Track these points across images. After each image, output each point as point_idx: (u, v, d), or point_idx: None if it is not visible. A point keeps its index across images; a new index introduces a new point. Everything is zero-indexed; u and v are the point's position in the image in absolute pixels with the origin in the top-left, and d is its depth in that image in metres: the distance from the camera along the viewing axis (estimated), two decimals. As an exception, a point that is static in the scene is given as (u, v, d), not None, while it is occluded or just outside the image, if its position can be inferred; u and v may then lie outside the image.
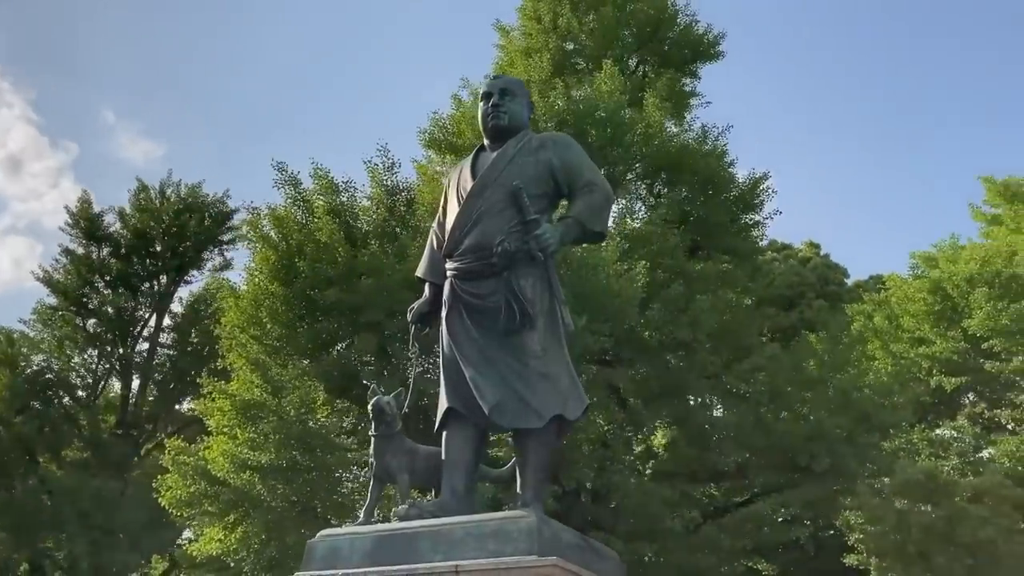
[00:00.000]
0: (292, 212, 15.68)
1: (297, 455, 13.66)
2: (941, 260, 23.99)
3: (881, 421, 16.96)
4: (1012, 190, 24.61)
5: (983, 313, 20.81)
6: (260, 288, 14.79)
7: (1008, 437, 20.37)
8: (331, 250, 14.48)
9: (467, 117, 18.73)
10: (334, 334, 14.40)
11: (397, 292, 14.15)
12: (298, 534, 14.08)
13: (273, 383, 13.86)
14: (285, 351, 14.55)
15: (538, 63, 18.46)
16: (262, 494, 13.64)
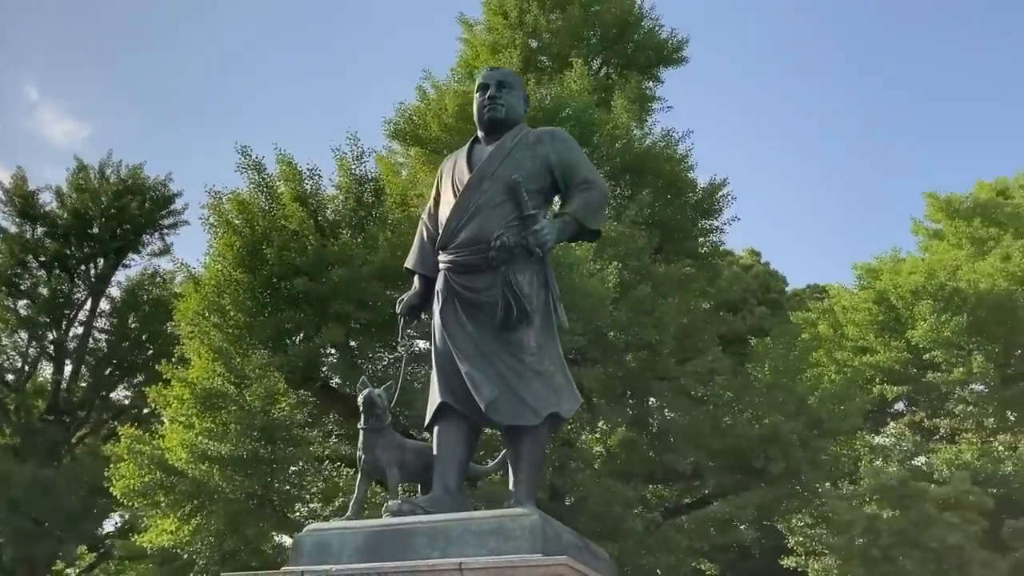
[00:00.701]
0: (256, 198, 15.35)
1: (259, 446, 13.34)
2: (884, 272, 24.66)
3: (834, 427, 17.32)
4: (954, 206, 25.44)
5: (927, 325, 21.47)
6: (223, 275, 14.42)
7: (946, 446, 21.03)
8: (300, 238, 14.19)
9: (433, 110, 18.59)
10: (299, 324, 14.11)
11: (367, 283, 14.00)
12: (256, 527, 13.82)
13: (236, 372, 13.51)
14: (247, 340, 14.20)
15: (508, 59, 18.38)
16: (221, 485, 13.30)
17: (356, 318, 13.82)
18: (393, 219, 15.17)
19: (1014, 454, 19.29)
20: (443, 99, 18.78)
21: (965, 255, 22.91)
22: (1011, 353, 21.85)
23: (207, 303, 14.38)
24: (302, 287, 13.60)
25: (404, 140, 18.44)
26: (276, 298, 14.46)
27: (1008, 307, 21.51)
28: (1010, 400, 21.02)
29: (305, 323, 14.08)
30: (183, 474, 13.57)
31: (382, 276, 14.05)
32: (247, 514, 13.70)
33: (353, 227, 14.65)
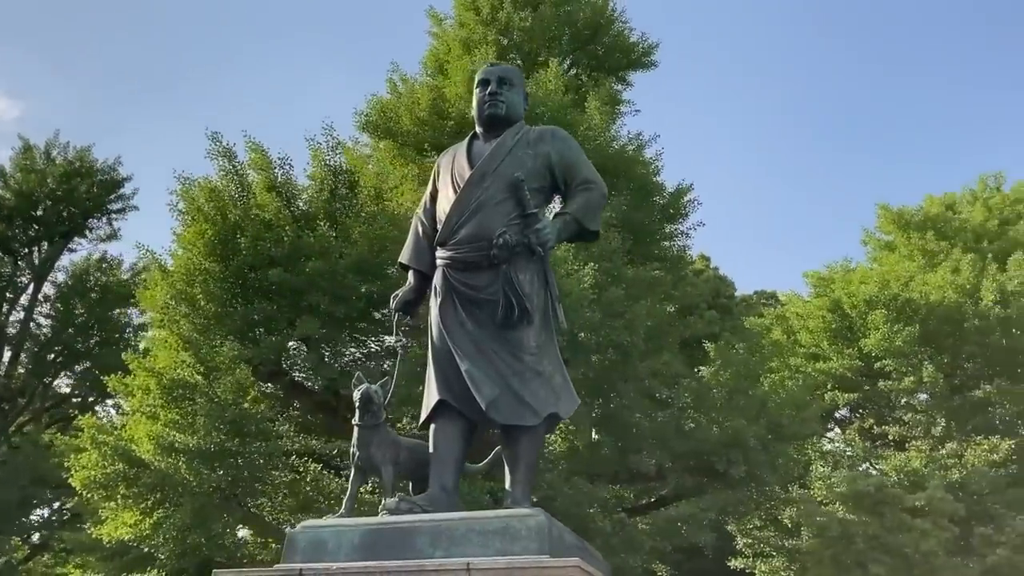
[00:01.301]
0: (227, 185, 15.06)
1: (226, 439, 13.08)
2: (836, 281, 25.18)
3: (793, 432, 17.64)
4: (906, 219, 26.10)
5: (879, 334, 21.97)
6: (193, 263, 14.10)
7: (895, 453, 21.56)
8: (275, 228, 13.95)
9: (405, 103, 18.45)
10: (271, 316, 13.86)
11: (343, 276, 13.83)
12: (222, 522, 13.56)
13: (206, 363, 13.22)
14: (217, 331, 13.92)
15: (483, 56, 18.28)
16: (187, 478, 13.00)
17: (331, 311, 13.60)
18: (367, 212, 15.01)
19: (959, 462, 19.85)
20: (415, 93, 18.66)
21: (916, 267, 23.50)
22: (958, 364, 22.48)
23: (175, 292, 14.05)
24: (277, 278, 13.36)
25: (375, 133, 18.27)
26: (246, 288, 14.19)
27: (956, 319, 22.12)
28: (957, 410, 21.62)
29: (278, 315, 13.82)
30: (148, 466, 13.24)
31: (358, 269, 13.90)
32: (212, 508, 13.41)
33: (328, 219, 14.44)
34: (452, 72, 18.39)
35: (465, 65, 18.18)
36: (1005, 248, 24.31)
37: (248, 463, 13.36)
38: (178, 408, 13.46)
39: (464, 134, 18.38)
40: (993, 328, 21.68)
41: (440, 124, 17.79)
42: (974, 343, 21.91)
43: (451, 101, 17.77)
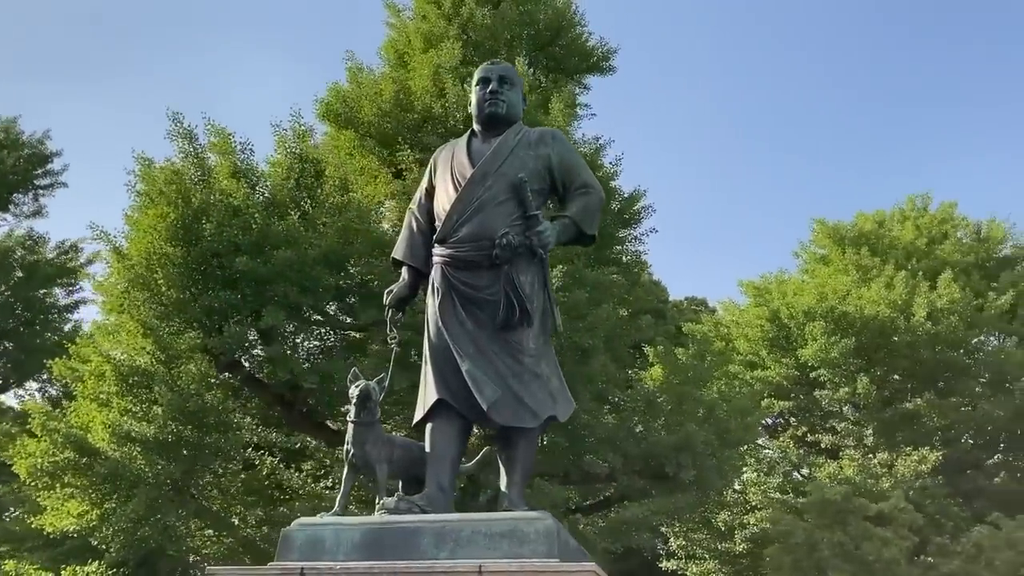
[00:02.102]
0: (188, 168, 14.61)
1: (186, 430, 12.70)
2: (772, 291, 25.82)
3: (740, 438, 18.01)
4: (841, 234, 26.92)
5: (817, 345, 22.63)
6: (153, 247, 13.64)
7: (827, 461, 22.24)
8: (242, 215, 13.58)
9: (368, 94, 18.19)
10: (235, 305, 13.51)
11: (311, 267, 13.57)
12: (176, 515, 13.18)
13: (168, 351, 12.80)
14: (177, 318, 13.50)
15: (449, 51, 18.15)
16: (143, 469, 12.59)
17: (298, 303, 13.32)
18: (333, 203, 14.75)
19: (890, 472, 20.58)
20: (377, 84, 18.43)
21: (851, 281, 24.24)
22: (890, 377, 23.30)
23: (134, 276, 13.57)
24: (244, 266, 13.01)
25: (336, 122, 17.96)
26: (208, 276, 13.80)
27: (889, 333, 22.93)
28: (888, 421, 22.41)
29: (241, 304, 13.47)
30: (100, 455, 12.77)
31: (328, 261, 13.66)
32: (166, 500, 13.02)
33: (296, 206, 14.15)
34: (417, 66, 18.21)
35: (431, 59, 18.03)
36: (933, 266, 25.26)
37: (206, 455, 13.01)
38: (134, 396, 13.03)
39: (427, 128, 18.33)
40: (923, 344, 22.53)
41: (403, 116, 17.59)
42: (905, 357, 22.75)
43: (416, 94, 17.59)
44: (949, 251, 25.94)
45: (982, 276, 24.96)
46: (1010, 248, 26.80)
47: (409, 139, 17.82)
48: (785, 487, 22.34)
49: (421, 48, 19.74)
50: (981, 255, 25.99)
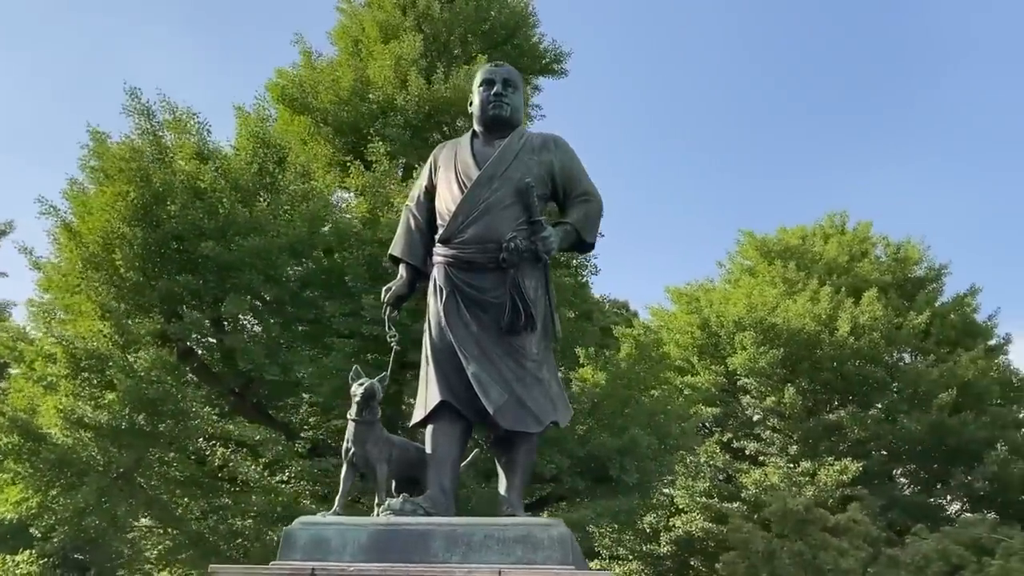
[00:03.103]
0: (146, 146, 14.06)
1: (139, 418, 12.24)
2: (701, 299, 26.44)
3: (680, 442, 18.37)
4: (768, 247, 27.72)
5: (746, 354, 23.25)
6: (111, 227, 13.08)
7: (751, 467, 22.89)
8: (208, 198, 13.15)
9: (325, 80, 17.84)
10: (197, 291, 13.07)
11: (277, 256, 13.24)
12: (127, 505, 12.70)
13: (126, 335, 12.29)
14: (135, 301, 12.99)
15: (411, 43, 17.93)
16: (94, 456, 12.08)
17: (262, 292, 12.98)
18: (295, 190, 14.41)
19: (813, 480, 21.30)
20: (335, 70, 18.09)
21: (778, 293, 24.98)
22: (814, 388, 24.11)
23: (89, 255, 12.99)
24: (211, 251, 12.59)
25: (291, 107, 17.56)
26: (167, 259, 13.32)
27: (813, 346, 23.73)
28: (811, 431, 23.18)
29: (203, 290, 13.05)
30: (47, 440, 12.19)
31: (294, 250, 13.36)
32: (115, 490, 12.53)
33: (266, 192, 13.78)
34: (377, 56, 17.95)
35: (393, 50, 17.80)
36: (852, 283, 26.21)
37: (161, 443, 12.58)
38: (82, 380, 12.48)
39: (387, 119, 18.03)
40: (846, 357, 23.40)
41: (364, 107, 17.32)
42: (828, 370, 23.57)
43: (377, 84, 17.34)
44: (868, 269, 26.96)
45: (899, 295, 26.04)
46: (924, 269, 28.00)
47: (366, 129, 17.58)
48: (711, 492, 22.88)
49: (377, 37, 19.48)
50: (898, 275, 27.10)
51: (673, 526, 22.13)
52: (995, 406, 23.67)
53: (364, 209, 13.95)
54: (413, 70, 17.23)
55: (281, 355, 13.23)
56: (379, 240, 13.40)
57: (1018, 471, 21.56)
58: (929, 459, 23.61)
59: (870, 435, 22.81)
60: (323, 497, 13.47)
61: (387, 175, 14.25)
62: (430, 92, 17.06)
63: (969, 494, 22.17)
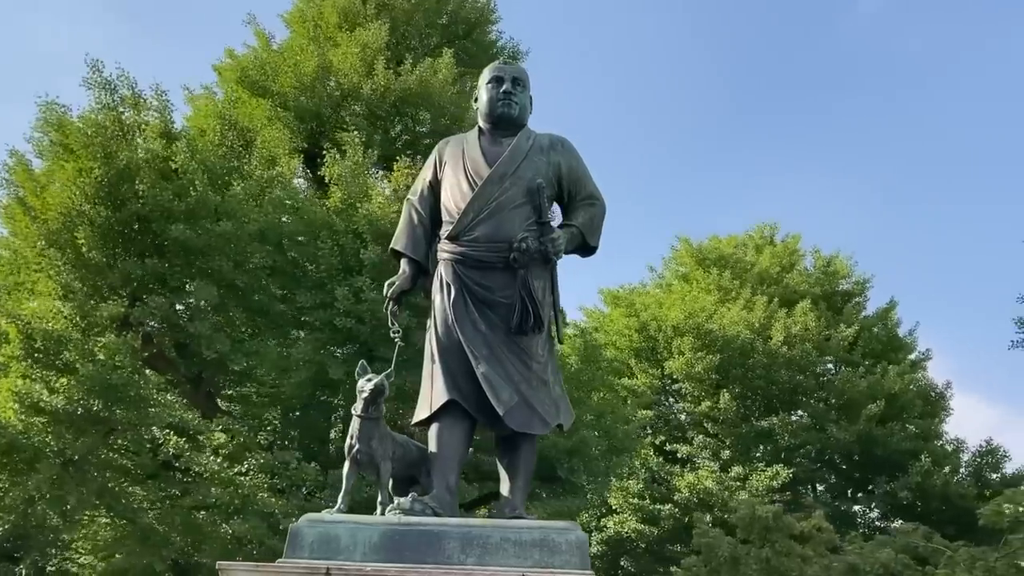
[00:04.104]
0: (109, 123, 13.53)
1: (96, 404, 11.79)
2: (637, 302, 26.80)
3: (624, 444, 18.58)
4: (704, 254, 28.24)
5: (683, 359, 23.67)
6: (72, 204, 12.55)
7: (683, 471, 23.33)
8: (179, 180, 12.72)
9: (288, 63, 17.46)
10: (161, 275, 12.64)
11: (247, 243, 12.92)
12: (78, 495, 12.21)
13: (88, 318, 11.81)
14: (92, 283, 12.50)
15: (376, 31, 17.68)
16: (48, 443, 11.58)
17: (232, 279, 12.63)
18: (260, 176, 14.07)
19: (744, 484, 21.83)
20: (298, 53, 17.71)
21: (714, 301, 25.51)
22: (747, 395, 24.68)
23: (48, 232, 12.44)
24: (181, 235, 12.19)
25: (251, 89, 17.11)
26: (131, 241, 12.86)
27: (747, 353, 24.30)
28: (743, 437, 23.73)
29: (168, 275, 12.63)
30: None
31: (264, 238, 13.04)
32: (67, 478, 12.03)
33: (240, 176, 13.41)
34: (342, 43, 17.65)
35: (359, 37, 17.52)
36: (783, 293, 26.92)
37: (118, 431, 12.15)
38: (35, 362, 11.95)
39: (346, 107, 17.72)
40: (779, 366, 24.02)
41: (330, 95, 17.01)
42: (761, 377, 24.16)
43: (344, 72, 17.04)
44: (798, 280, 27.72)
45: (828, 307, 26.84)
46: (850, 283, 28.90)
47: (327, 116, 17.29)
48: (643, 493, 23.21)
49: (336, 23, 19.17)
50: (826, 287, 27.92)
51: (604, 526, 22.37)
52: (917, 418, 24.59)
53: (337, 199, 13.67)
54: (381, 59, 17.00)
55: (246, 344, 12.89)
56: (353, 231, 13.21)
57: (940, 482, 22.48)
58: (855, 467, 24.40)
59: (800, 442, 23.47)
60: (280, 491, 13.20)
61: (361, 165, 13.99)
62: (398, 82, 16.85)
63: (892, 503, 23.01)
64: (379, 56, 17.18)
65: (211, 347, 12.52)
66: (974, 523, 21.88)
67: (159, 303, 12.29)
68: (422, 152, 16.87)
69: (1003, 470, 24.72)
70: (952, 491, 22.68)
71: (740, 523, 15.38)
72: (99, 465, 12.60)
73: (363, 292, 12.37)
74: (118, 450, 12.74)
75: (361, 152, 14.32)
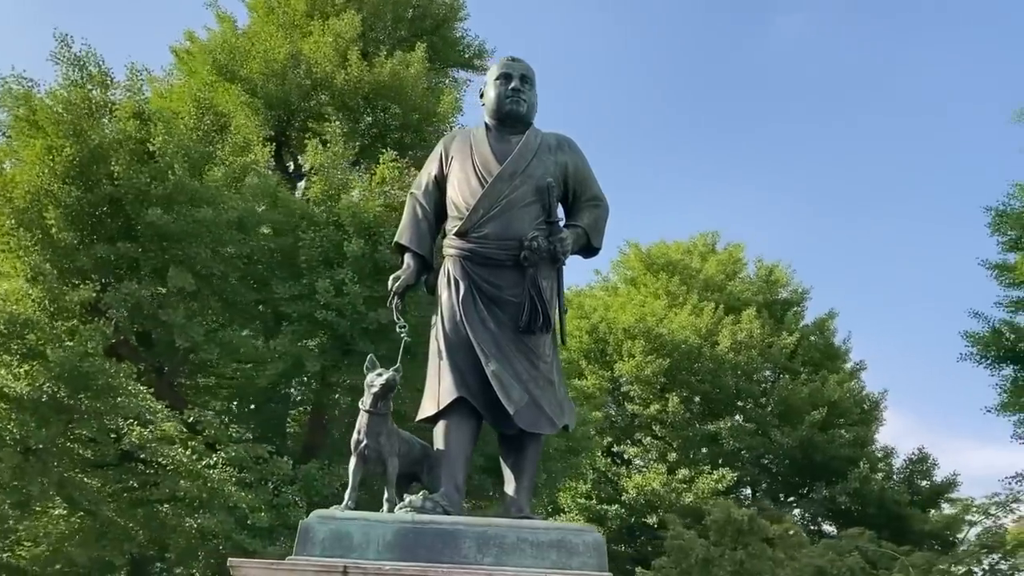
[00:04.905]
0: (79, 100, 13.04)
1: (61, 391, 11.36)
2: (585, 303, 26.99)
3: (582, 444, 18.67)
4: (652, 259, 28.58)
5: (634, 362, 23.92)
6: (40, 183, 12.06)
7: (631, 472, 23.60)
8: (156, 163, 12.32)
9: (258, 49, 17.06)
10: (134, 261, 12.23)
11: (224, 230, 12.58)
12: (40, 485, 11.74)
13: (57, 302, 11.35)
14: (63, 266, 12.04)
15: (350, 21, 17.41)
16: (11, 431, 11.10)
17: (207, 268, 12.29)
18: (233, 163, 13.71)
19: (690, 486, 22.20)
20: (267, 41, 17.34)
21: (663, 306, 25.84)
22: (693, 399, 25.07)
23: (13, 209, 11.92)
24: (159, 219, 11.81)
25: (220, 73, 16.68)
26: (102, 224, 12.41)
27: (694, 358, 24.70)
28: (690, 439, 24.11)
29: (142, 260, 12.22)
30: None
31: (242, 226, 12.73)
32: (29, 468, 11.56)
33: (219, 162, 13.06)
34: (315, 31, 17.33)
35: (333, 27, 17.23)
36: (726, 300, 27.43)
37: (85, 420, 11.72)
38: (3, 347, 11.45)
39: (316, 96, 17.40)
40: (725, 371, 24.47)
41: (299, 83, 16.67)
42: (708, 382, 24.57)
43: (316, 61, 16.74)
44: (741, 288, 28.27)
45: (770, 315, 27.44)
46: (789, 292, 29.61)
47: (297, 105, 16.97)
48: (591, 493, 23.39)
49: (304, 11, 18.83)
50: (767, 296, 28.53)
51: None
52: (852, 426, 25.31)
53: (318, 189, 13.41)
54: (355, 49, 16.75)
55: (219, 334, 12.56)
56: (334, 223, 12.99)
57: (877, 488, 23.21)
58: (795, 472, 25.00)
59: (744, 446, 23.94)
60: (248, 484, 12.90)
61: (342, 156, 13.76)
62: (371, 74, 16.62)
63: (831, 507, 23.65)
64: (352, 47, 16.92)
65: (185, 336, 12.15)
66: (907, 528, 22.74)
67: (132, 289, 11.87)
68: (391, 146, 16.72)
69: (933, 478, 25.71)
70: (887, 497, 23.43)
71: (714, 526, 15.57)
72: (59, 454, 12.12)
73: (345, 285, 12.16)
74: (79, 440, 12.24)
75: (342, 143, 14.06)
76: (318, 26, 17.49)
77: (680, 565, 14.94)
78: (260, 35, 17.60)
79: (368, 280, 12.44)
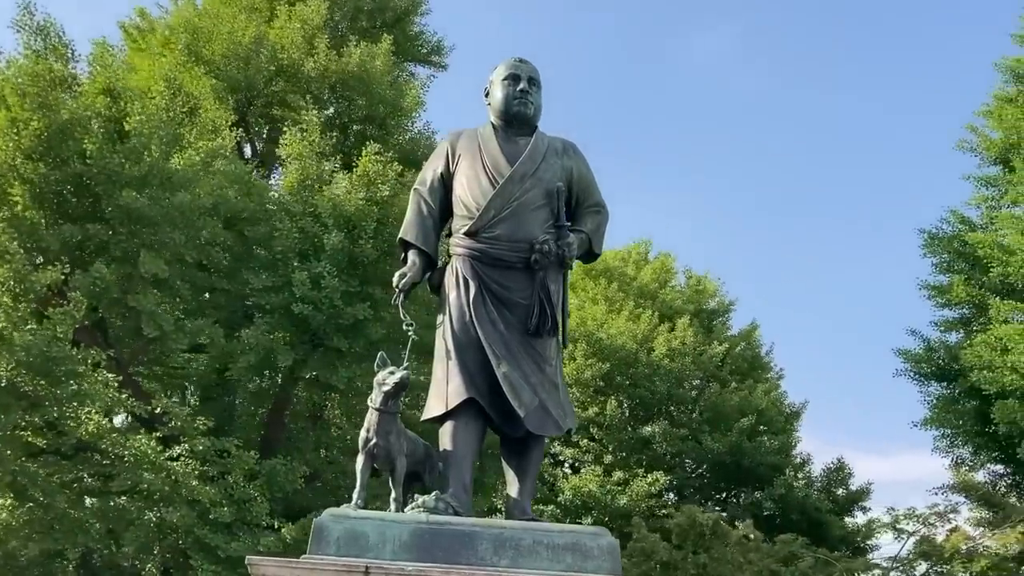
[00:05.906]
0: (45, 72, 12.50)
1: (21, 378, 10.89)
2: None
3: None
4: (591, 264, 28.80)
5: (574, 365, 24.15)
6: (5, 157, 11.53)
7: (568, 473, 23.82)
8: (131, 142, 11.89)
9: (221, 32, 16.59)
10: (104, 243, 11.78)
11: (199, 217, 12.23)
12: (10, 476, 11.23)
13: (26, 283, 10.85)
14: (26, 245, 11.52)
15: (317, 6, 17.11)
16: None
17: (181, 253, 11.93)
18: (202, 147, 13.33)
19: (625, 489, 22.54)
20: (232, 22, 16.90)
21: (602, 311, 26.18)
22: (630, 403, 25.47)
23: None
24: (134, 202, 11.40)
25: (188, 55, 16.17)
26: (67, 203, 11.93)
27: (631, 363, 25.09)
28: (626, 442, 24.47)
29: (112, 243, 11.79)
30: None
31: (217, 212, 12.39)
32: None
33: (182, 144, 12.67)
34: (281, 15, 16.97)
35: (300, 13, 16.90)
36: (659, 308, 27.92)
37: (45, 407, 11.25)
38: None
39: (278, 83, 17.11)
40: (660, 377, 24.92)
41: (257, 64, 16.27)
42: (643, 387, 24.97)
43: (283, 47, 16.40)
44: (672, 297, 28.83)
45: (700, 324, 28.05)
46: (716, 302, 30.30)
47: (259, 90, 16.61)
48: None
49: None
50: (696, 305, 29.16)
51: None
52: (775, 434, 26.10)
53: (294, 179, 13.13)
54: (324, 38, 16.47)
55: (188, 323, 12.19)
56: (311, 214, 12.75)
57: (800, 494, 24.01)
58: (724, 477, 25.62)
59: (676, 451, 24.42)
60: (211, 478, 12.58)
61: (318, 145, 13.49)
62: (338, 64, 16.36)
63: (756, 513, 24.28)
64: (320, 34, 16.63)
65: (153, 324, 11.76)
66: (825, 534, 23.58)
67: (101, 272, 11.42)
68: (353, 138, 16.51)
69: (849, 486, 26.73)
70: (809, 504, 24.23)
71: (677, 529, 15.82)
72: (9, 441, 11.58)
73: (324, 279, 11.94)
74: (34, 428, 11.73)
75: (319, 132, 13.80)
76: (284, 11, 17.14)
77: (640, 567, 15.17)
78: (222, 16, 17.14)
79: (344, 275, 12.26)
